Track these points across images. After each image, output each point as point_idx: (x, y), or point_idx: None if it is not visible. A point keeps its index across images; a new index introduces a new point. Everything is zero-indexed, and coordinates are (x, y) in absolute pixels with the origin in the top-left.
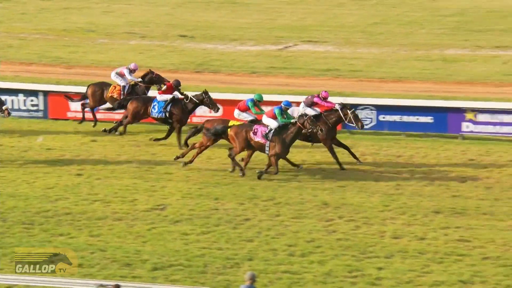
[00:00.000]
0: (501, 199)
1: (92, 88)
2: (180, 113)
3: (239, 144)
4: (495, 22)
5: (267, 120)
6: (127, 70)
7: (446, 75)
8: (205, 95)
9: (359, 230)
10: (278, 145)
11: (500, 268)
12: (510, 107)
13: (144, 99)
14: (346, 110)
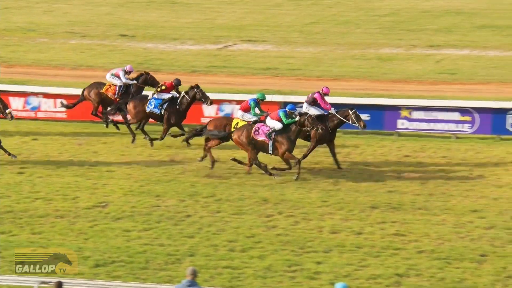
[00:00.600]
0: (435, 194)
1: (87, 90)
2: (174, 112)
3: (247, 147)
4: (428, 22)
5: (271, 122)
6: (122, 72)
7: (381, 74)
8: (196, 89)
9: (298, 226)
10: (285, 142)
11: (435, 261)
12: (444, 105)
13: (140, 97)
14: (347, 111)
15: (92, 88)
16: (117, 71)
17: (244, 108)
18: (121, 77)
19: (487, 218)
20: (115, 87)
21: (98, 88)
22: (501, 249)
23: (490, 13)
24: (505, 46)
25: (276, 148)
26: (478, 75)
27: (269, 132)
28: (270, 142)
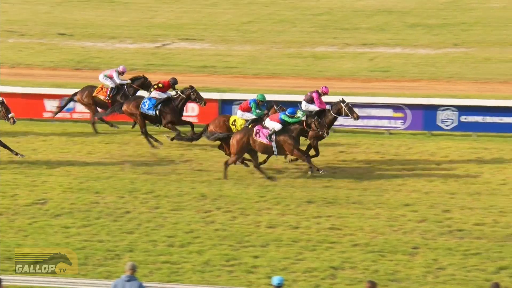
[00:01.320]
0: (369, 188)
1: (80, 95)
2: (170, 112)
3: (237, 153)
4: (361, 21)
5: (271, 123)
6: (116, 72)
7: (316, 71)
8: (191, 90)
9: (236, 221)
10: (289, 140)
11: (369, 254)
12: (377, 102)
13: (134, 98)
14: (340, 104)
15: (84, 92)
16: (111, 72)
17: (243, 108)
18: (115, 77)
19: (419, 211)
20: (106, 89)
21: (91, 91)
22: (432, 242)
23: (421, 12)
24: (435, 44)
25: (282, 148)
26: (410, 73)
27: (269, 134)
28: (273, 144)
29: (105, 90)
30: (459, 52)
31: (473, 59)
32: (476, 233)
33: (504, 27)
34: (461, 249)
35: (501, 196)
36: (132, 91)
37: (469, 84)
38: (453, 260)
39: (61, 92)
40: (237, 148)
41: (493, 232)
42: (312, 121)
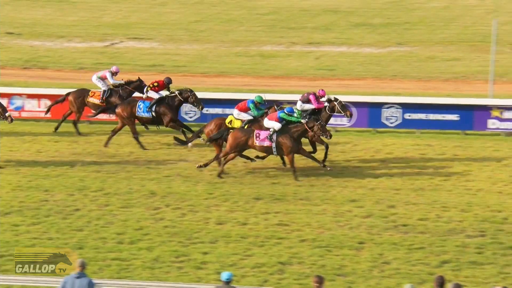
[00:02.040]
0: (316, 185)
1: (73, 95)
2: (167, 110)
3: (230, 148)
4: (307, 20)
5: (270, 123)
6: (109, 73)
7: (264, 70)
8: (190, 93)
9: (185, 217)
10: (288, 142)
11: (316, 249)
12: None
13: (128, 101)
14: (333, 103)
15: (79, 95)
16: (104, 73)
17: (240, 108)
18: (109, 78)
19: (365, 207)
20: (99, 92)
21: (85, 96)
22: (378, 237)
23: (365, 12)
24: (379, 43)
25: (281, 149)
26: (355, 71)
27: (270, 135)
28: (273, 144)
29: (98, 94)
30: (403, 51)
31: (417, 58)
32: (420, 228)
33: (446, 26)
34: (406, 244)
35: (443, 191)
36: (127, 93)
37: (413, 82)
38: (398, 254)
39: (10, 91)
40: (233, 144)
41: (436, 227)
42: (315, 125)
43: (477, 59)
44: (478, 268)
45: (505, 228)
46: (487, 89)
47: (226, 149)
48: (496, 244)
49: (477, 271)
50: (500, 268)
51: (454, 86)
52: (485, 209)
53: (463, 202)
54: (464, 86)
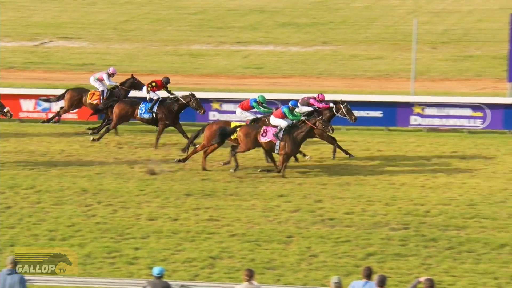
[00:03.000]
0: (245, 181)
1: (70, 93)
2: (166, 113)
3: (246, 144)
4: (235, 20)
5: (276, 121)
6: (106, 75)
7: (193, 69)
8: (192, 97)
9: (117, 214)
10: (289, 144)
11: (246, 244)
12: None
13: (131, 101)
14: (339, 105)
15: (77, 94)
16: (101, 75)
17: (243, 107)
18: (105, 80)
19: (293, 202)
20: (99, 93)
21: (84, 95)
22: (305, 231)
23: (291, 12)
24: (305, 42)
25: (282, 148)
26: (282, 70)
27: (277, 132)
28: (277, 142)
29: (98, 94)
30: (328, 49)
31: (341, 56)
32: (346, 222)
33: (368, 26)
34: (333, 237)
35: (368, 186)
36: (123, 93)
37: (338, 80)
38: (325, 247)
39: None
40: (246, 140)
41: (361, 220)
42: (317, 120)
43: (399, 58)
44: (402, 260)
45: (427, 221)
46: (409, 87)
47: (241, 147)
48: (418, 236)
49: (401, 263)
50: (422, 259)
51: (378, 84)
52: (408, 203)
53: (387, 196)
54: (387, 83)
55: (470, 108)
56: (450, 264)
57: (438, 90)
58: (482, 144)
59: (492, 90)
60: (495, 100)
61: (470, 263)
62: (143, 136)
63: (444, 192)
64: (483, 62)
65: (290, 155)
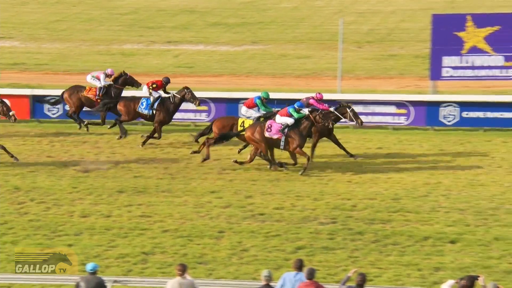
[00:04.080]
0: (177, 177)
1: (67, 93)
2: (164, 112)
3: (260, 143)
4: (165, 20)
5: (282, 119)
6: (104, 74)
7: (125, 68)
8: (186, 90)
9: (50, 211)
10: (297, 138)
11: (178, 239)
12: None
13: (131, 98)
14: (345, 109)
15: (73, 91)
16: (98, 74)
17: (248, 105)
18: (102, 79)
19: (224, 198)
20: (95, 89)
21: (79, 91)
22: (236, 226)
23: (221, 12)
24: (235, 42)
25: (288, 143)
26: (212, 69)
27: (282, 128)
28: (282, 138)
29: (94, 90)
30: (257, 49)
31: (270, 55)
32: (276, 217)
33: (296, 26)
34: (263, 232)
35: (297, 181)
36: (116, 92)
37: (267, 78)
38: (255, 242)
39: None
40: (259, 138)
41: (291, 215)
42: (317, 114)
43: (326, 57)
44: (330, 253)
45: (354, 215)
46: (336, 85)
47: (262, 150)
48: (346, 230)
49: (329, 256)
50: (349, 252)
51: (305, 82)
52: (336, 198)
53: (315, 191)
54: (315, 82)
55: (395, 105)
56: (376, 257)
57: (363, 88)
58: (406, 140)
59: (415, 88)
60: (418, 98)
61: (395, 255)
62: (77, 136)
63: (370, 187)
64: (406, 61)
65: (301, 146)
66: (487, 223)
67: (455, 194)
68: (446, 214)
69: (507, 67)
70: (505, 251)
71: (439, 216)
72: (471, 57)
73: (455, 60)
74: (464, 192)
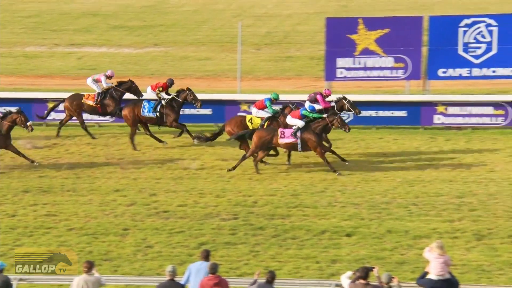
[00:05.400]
0: (82, 177)
1: (68, 102)
2: (171, 112)
3: (256, 147)
4: (68, 23)
5: (293, 121)
6: (104, 77)
7: (28, 70)
8: (188, 91)
9: None
10: (313, 137)
11: (83, 237)
12: None
13: (134, 102)
14: (342, 101)
15: (74, 100)
16: (99, 76)
17: (258, 106)
18: (103, 81)
19: (128, 196)
20: (94, 94)
21: (79, 99)
22: (141, 223)
23: (123, 15)
24: (137, 44)
25: (306, 145)
26: (116, 70)
27: (294, 132)
28: (298, 141)
29: (93, 96)
30: (159, 51)
31: (172, 57)
32: (179, 213)
33: (197, 29)
34: (167, 228)
35: (200, 179)
36: (118, 94)
37: None
38: (160, 238)
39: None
40: (258, 143)
41: (194, 212)
42: (335, 119)
43: (226, 59)
44: (232, 248)
45: (255, 211)
46: (236, 86)
47: (252, 148)
48: (247, 225)
49: (231, 251)
50: (251, 247)
51: (207, 83)
52: (237, 194)
53: (217, 188)
54: (216, 83)
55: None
56: (276, 251)
57: (262, 89)
58: None
59: (312, 88)
60: None
61: (294, 249)
62: None
63: (270, 184)
64: (303, 62)
65: (321, 146)
66: (381, 216)
67: (351, 189)
68: (342, 209)
69: (397, 68)
70: (397, 243)
71: (335, 210)
72: (363, 58)
73: (348, 62)
74: (359, 187)
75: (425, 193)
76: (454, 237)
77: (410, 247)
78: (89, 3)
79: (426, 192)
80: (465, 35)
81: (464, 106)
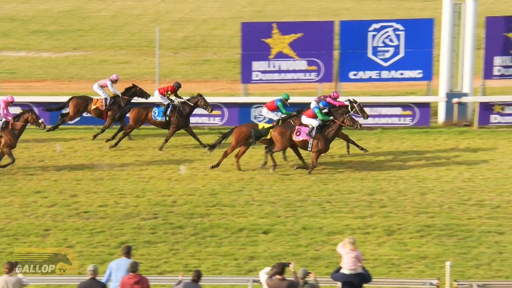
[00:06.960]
0: (2, 179)
1: (75, 100)
2: (178, 117)
3: (282, 143)
4: None
5: (308, 120)
6: (110, 81)
7: None
8: (199, 97)
9: None
10: (321, 142)
11: (4, 238)
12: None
13: (144, 106)
14: (353, 104)
15: (83, 101)
16: (105, 82)
17: (269, 107)
18: (109, 86)
19: (49, 197)
20: (102, 100)
21: (88, 103)
22: (62, 224)
23: (41, 20)
24: (56, 48)
25: (315, 146)
26: (35, 74)
27: (310, 131)
28: (310, 140)
29: (101, 101)
30: (78, 55)
31: (91, 61)
32: (100, 214)
33: (115, 33)
34: (88, 229)
35: (120, 180)
36: (125, 101)
37: (88, 83)
38: (81, 238)
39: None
40: (281, 139)
41: (114, 212)
42: (345, 118)
43: (144, 62)
44: (152, 247)
45: (175, 210)
46: (154, 89)
47: (277, 146)
48: (167, 224)
49: (152, 249)
50: (171, 245)
51: (126, 86)
52: (157, 194)
53: (137, 189)
54: None
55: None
56: (195, 249)
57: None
58: None
59: (228, 91)
60: (231, 100)
61: (213, 246)
62: None
63: (188, 184)
64: (219, 66)
65: (322, 152)
66: (296, 214)
67: (267, 188)
68: (259, 207)
69: (310, 70)
70: (312, 240)
71: (252, 209)
72: (278, 61)
73: (264, 65)
74: (275, 186)
75: (338, 191)
76: (366, 233)
77: (324, 243)
78: (7, 8)
79: (339, 190)
80: (374, 39)
81: (374, 107)
